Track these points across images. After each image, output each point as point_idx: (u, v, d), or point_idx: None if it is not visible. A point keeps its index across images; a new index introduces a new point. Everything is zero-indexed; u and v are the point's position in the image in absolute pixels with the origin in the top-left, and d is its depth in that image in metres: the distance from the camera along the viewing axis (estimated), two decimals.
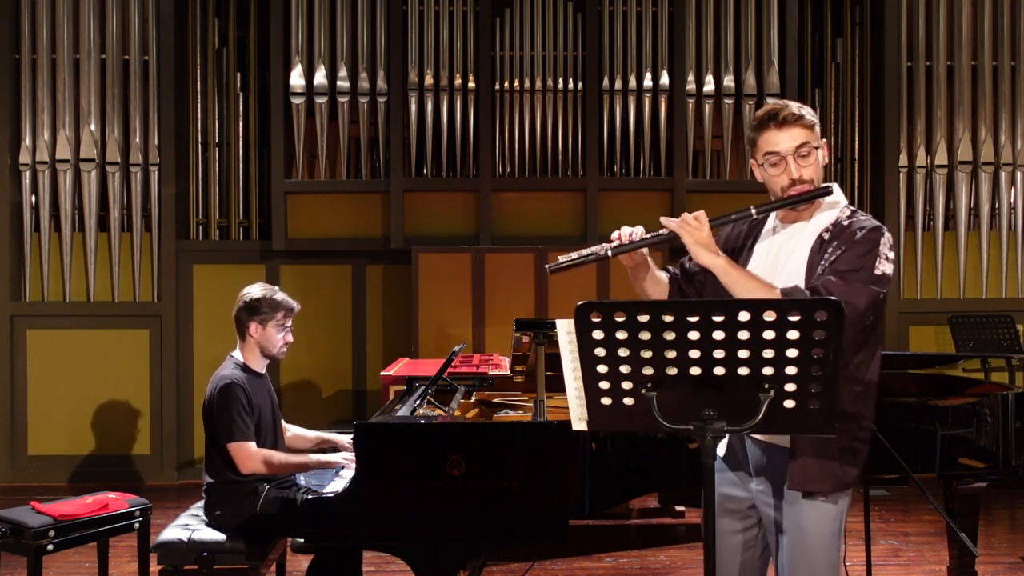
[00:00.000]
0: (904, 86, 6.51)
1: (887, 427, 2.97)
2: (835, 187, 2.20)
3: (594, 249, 2.22)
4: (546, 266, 2.32)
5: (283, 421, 3.46)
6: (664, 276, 2.39)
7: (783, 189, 2.16)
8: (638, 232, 2.23)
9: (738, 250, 2.30)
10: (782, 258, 2.19)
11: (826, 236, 2.12)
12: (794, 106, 2.15)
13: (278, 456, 3.12)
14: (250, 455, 3.03)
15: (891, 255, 2.07)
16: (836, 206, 2.18)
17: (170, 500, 5.55)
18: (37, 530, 3.14)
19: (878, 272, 2.03)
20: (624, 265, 2.31)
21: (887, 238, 2.08)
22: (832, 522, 2.15)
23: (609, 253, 2.21)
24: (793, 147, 2.13)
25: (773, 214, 2.25)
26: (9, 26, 6.18)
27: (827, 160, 2.22)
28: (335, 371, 6.38)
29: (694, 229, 2.14)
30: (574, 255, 2.24)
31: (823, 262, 2.08)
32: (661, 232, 2.21)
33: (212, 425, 3.08)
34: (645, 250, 2.28)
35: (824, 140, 2.20)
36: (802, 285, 2.07)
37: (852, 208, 2.18)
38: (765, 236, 2.27)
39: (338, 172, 6.31)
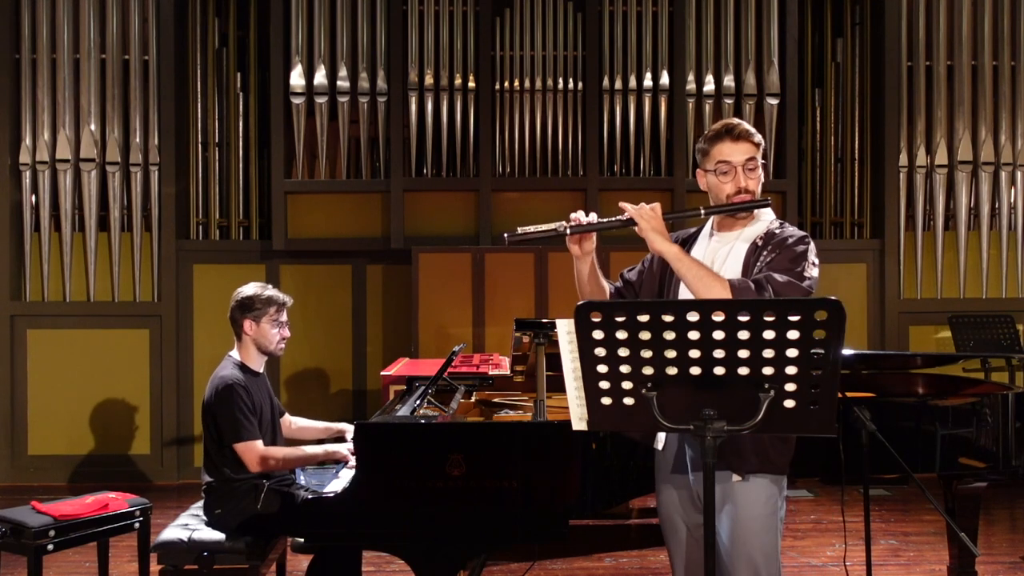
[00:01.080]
0: (904, 86, 6.51)
1: (887, 427, 2.97)
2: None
3: (553, 225, 2.38)
4: (504, 235, 2.44)
5: (287, 414, 3.47)
6: (607, 285, 2.54)
7: (728, 196, 2.37)
8: (594, 217, 2.39)
9: None
10: (718, 260, 2.37)
11: (759, 242, 2.35)
12: (744, 124, 2.39)
13: (284, 451, 3.13)
14: (258, 453, 3.04)
15: (816, 261, 2.30)
16: (768, 219, 2.41)
17: (170, 500, 5.55)
18: (37, 530, 3.14)
19: (807, 275, 2.26)
20: (573, 254, 2.44)
21: (813, 247, 2.32)
22: (764, 505, 2.27)
23: (568, 231, 2.37)
24: (743, 159, 2.35)
25: (711, 222, 2.46)
26: (9, 26, 6.18)
27: (764, 180, 2.43)
28: (335, 371, 6.38)
29: (650, 217, 2.32)
30: (531, 228, 2.39)
31: (759, 263, 2.28)
32: (618, 217, 2.38)
33: (215, 426, 3.08)
34: (594, 243, 2.43)
35: (764, 163, 2.42)
36: None
37: (781, 221, 2.43)
38: (702, 240, 2.48)
39: (338, 172, 6.31)
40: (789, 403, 1.76)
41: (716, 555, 2.29)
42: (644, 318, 1.72)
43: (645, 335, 1.73)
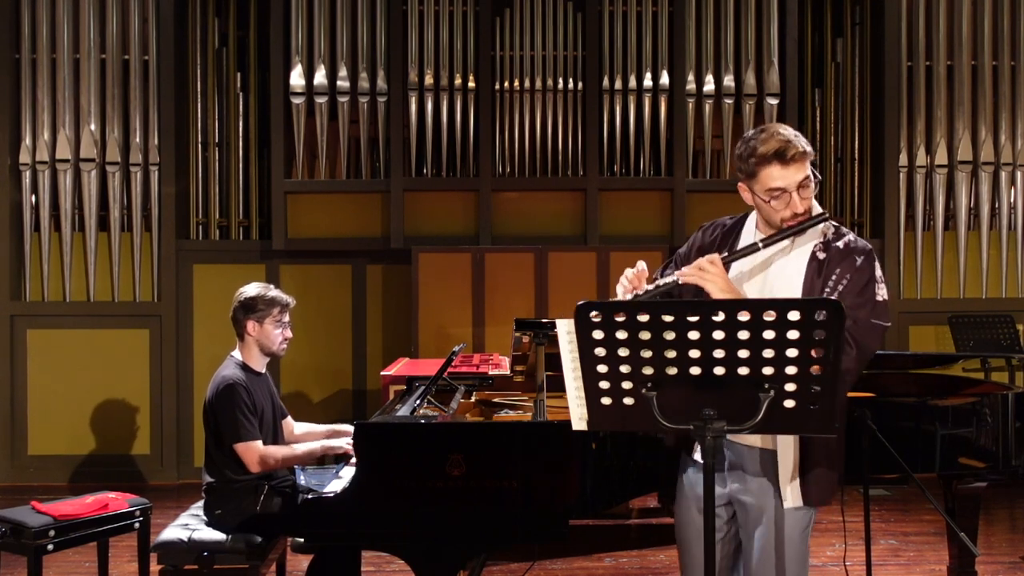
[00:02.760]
0: (904, 86, 6.51)
1: (887, 427, 2.97)
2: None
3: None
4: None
5: (291, 419, 3.46)
6: None
7: (783, 221, 2.19)
8: (641, 266, 2.21)
9: None
10: (771, 274, 2.23)
11: (820, 255, 2.20)
12: (797, 142, 2.17)
13: (284, 450, 3.14)
14: (258, 454, 3.04)
15: (881, 275, 2.20)
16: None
17: (170, 500, 5.55)
18: (37, 530, 3.14)
19: (879, 299, 2.16)
20: None
21: (876, 259, 2.21)
22: (806, 519, 2.24)
23: None
24: (797, 182, 2.16)
25: (751, 225, 2.31)
26: (9, 26, 6.18)
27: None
28: (335, 371, 6.38)
29: (715, 276, 2.15)
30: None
31: (827, 288, 2.15)
32: (674, 279, 2.20)
33: (216, 426, 3.08)
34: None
35: (817, 176, 2.24)
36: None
37: (834, 224, 2.25)
38: (745, 240, 2.30)
39: (338, 172, 6.31)
40: (789, 403, 1.76)
41: (747, 567, 2.29)
42: (644, 318, 1.72)
43: (645, 335, 1.73)
